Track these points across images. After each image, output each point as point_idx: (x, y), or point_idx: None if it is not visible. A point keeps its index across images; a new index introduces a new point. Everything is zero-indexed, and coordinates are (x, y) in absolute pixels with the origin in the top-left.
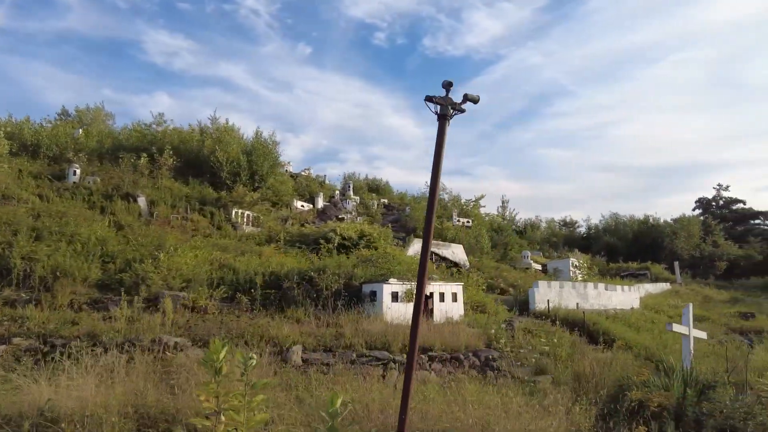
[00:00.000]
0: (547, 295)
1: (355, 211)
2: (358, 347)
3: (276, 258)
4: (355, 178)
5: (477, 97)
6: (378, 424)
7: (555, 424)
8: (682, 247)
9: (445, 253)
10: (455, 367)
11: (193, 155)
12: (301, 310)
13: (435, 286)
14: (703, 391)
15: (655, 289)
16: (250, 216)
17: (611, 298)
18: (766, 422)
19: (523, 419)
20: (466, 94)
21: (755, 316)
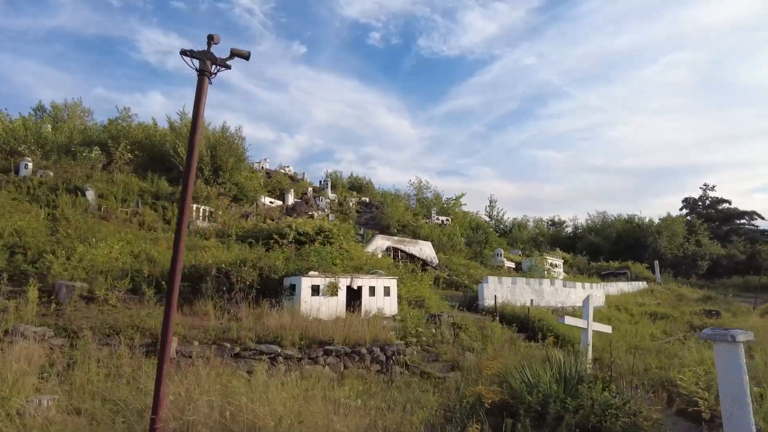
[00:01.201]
0: (497, 291)
1: (329, 208)
2: (247, 341)
3: (212, 252)
4: (338, 176)
5: (247, 53)
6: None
7: (367, 422)
8: (665, 247)
9: (412, 250)
10: (354, 362)
11: (156, 150)
12: (211, 304)
13: (365, 279)
14: (576, 386)
15: (630, 287)
16: (206, 211)
17: (569, 296)
18: (636, 422)
19: (331, 418)
20: (233, 49)
21: (720, 315)
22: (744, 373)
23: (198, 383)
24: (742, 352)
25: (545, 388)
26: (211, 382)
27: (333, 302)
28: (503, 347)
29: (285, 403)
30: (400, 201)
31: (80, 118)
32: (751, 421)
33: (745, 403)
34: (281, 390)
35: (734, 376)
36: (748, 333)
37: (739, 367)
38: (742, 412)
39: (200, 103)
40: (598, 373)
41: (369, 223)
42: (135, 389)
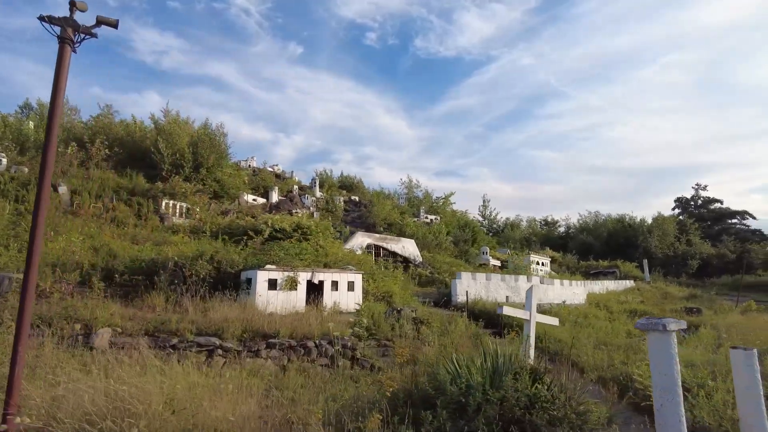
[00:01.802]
0: (471, 288)
1: (315, 206)
2: (186, 333)
3: (177, 246)
4: (328, 175)
5: (115, 21)
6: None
7: (255, 410)
8: (656, 246)
9: (394, 248)
10: (300, 356)
11: (136, 147)
12: (163, 297)
13: (327, 274)
14: (503, 378)
15: (617, 286)
16: (183, 207)
17: (547, 293)
18: (566, 415)
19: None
20: (100, 17)
21: (701, 312)
22: (675, 363)
23: (99, 373)
24: (673, 342)
25: (468, 379)
26: (121, 372)
27: (292, 296)
28: (464, 342)
29: (168, 390)
30: (389, 200)
31: (67, 116)
32: (681, 413)
33: (676, 394)
34: (181, 378)
35: (665, 367)
36: (680, 322)
37: (670, 357)
38: (671, 403)
39: (61, 76)
40: (537, 366)
41: (356, 221)
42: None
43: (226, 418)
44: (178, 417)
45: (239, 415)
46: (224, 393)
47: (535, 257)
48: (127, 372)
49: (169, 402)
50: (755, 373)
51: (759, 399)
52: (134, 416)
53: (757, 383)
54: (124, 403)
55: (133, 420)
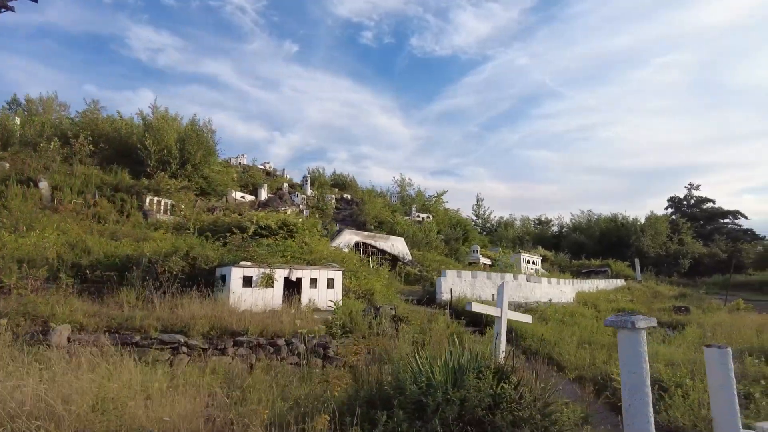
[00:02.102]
0: (456, 286)
1: (304, 204)
2: (150, 330)
3: (155, 243)
4: (320, 173)
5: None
6: None
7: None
8: (648, 245)
9: (383, 246)
10: (269, 354)
11: (123, 143)
12: (134, 293)
13: (305, 271)
14: (464, 376)
15: (607, 285)
16: (168, 204)
17: (534, 291)
18: (531, 415)
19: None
20: None
21: (690, 311)
22: (644, 361)
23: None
24: (642, 340)
25: (428, 378)
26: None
27: (268, 294)
28: (443, 339)
29: (99, 390)
30: (380, 198)
31: (57, 112)
32: (648, 413)
33: (644, 394)
34: (124, 376)
35: (634, 365)
36: (650, 319)
37: (639, 355)
38: (640, 403)
39: None
40: (505, 364)
41: (347, 219)
42: None
43: (159, 419)
44: (102, 418)
45: (178, 414)
46: (164, 392)
47: (525, 256)
48: (63, 369)
49: (100, 402)
50: (729, 371)
51: (732, 398)
52: (55, 418)
53: (731, 382)
54: (45, 403)
55: (42, 423)
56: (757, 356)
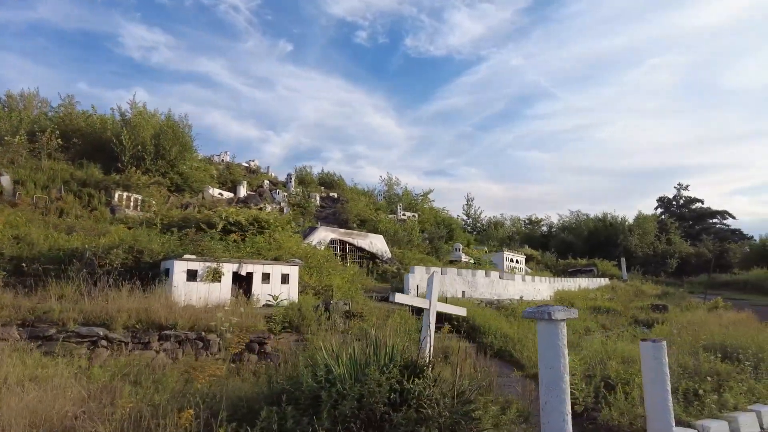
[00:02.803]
0: (423, 282)
1: (286, 201)
2: (69, 323)
3: (109, 236)
4: (307, 172)
5: None
6: None
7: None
8: (635, 245)
9: (361, 244)
10: (198, 349)
11: (96, 138)
12: (69, 287)
13: (257, 266)
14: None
15: (591, 284)
16: (138, 199)
17: (507, 288)
18: (439, 413)
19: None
20: None
21: (667, 309)
22: (562, 356)
23: None
24: (561, 332)
25: (326, 372)
26: None
27: (215, 288)
28: (394, 335)
29: None
30: (364, 196)
31: (38, 108)
32: (564, 412)
33: (561, 390)
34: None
35: (552, 360)
36: (570, 311)
37: (557, 348)
38: (556, 400)
39: None
40: (420, 358)
41: (330, 217)
42: None
43: None
44: None
45: (26, 408)
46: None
47: (509, 254)
48: None
49: None
50: (662, 366)
51: (665, 393)
52: None
53: (665, 377)
54: None
55: None
56: (715, 352)
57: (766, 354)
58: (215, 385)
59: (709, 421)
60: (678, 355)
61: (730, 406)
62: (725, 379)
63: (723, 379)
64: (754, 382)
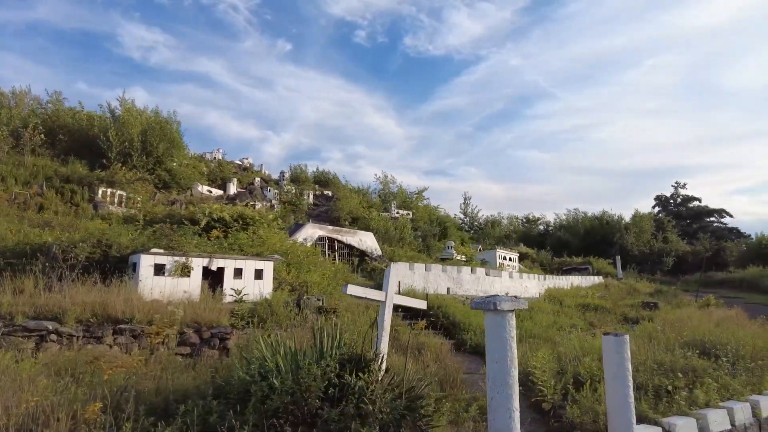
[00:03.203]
0: (407, 278)
1: (277, 199)
2: (18, 316)
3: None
4: (302, 170)
5: None
6: None
7: None
8: (632, 243)
9: (350, 241)
10: (157, 344)
11: (84, 135)
12: (32, 281)
13: (229, 261)
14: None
15: (585, 282)
16: (123, 196)
17: (493, 285)
18: (370, 409)
19: None
20: None
21: (658, 307)
22: (509, 349)
23: None
24: (508, 324)
25: (260, 365)
26: None
27: (183, 283)
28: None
29: None
30: (356, 195)
31: (30, 106)
32: (511, 408)
33: (507, 386)
34: None
35: (498, 353)
36: (518, 301)
37: (503, 341)
38: (502, 397)
39: None
40: (368, 352)
41: (322, 215)
42: None
43: None
44: None
45: None
46: None
47: (501, 252)
48: None
49: None
50: (624, 361)
51: (626, 390)
52: None
53: (626, 372)
54: None
55: None
56: (695, 349)
57: (746, 350)
58: (147, 379)
59: (677, 418)
60: (655, 352)
61: (701, 402)
62: (700, 376)
63: (698, 376)
64: (730, 379)
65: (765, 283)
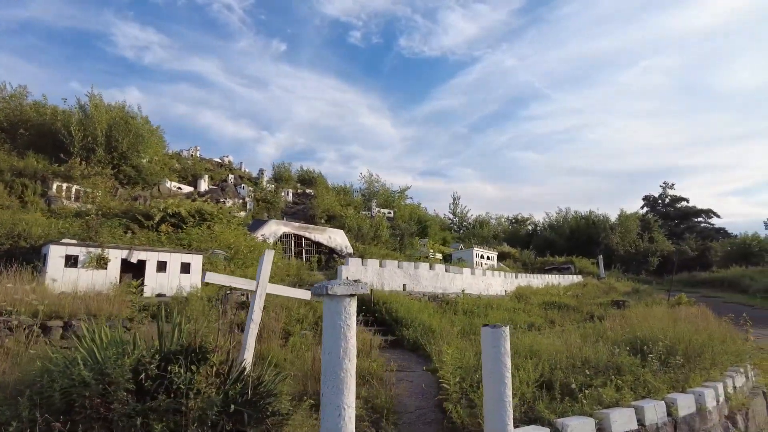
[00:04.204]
0: (360, 274)
1: (251, 196)
2: None
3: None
4: (286, 168)
5: None
6: None
7: None
8: (617, 243)
9: (318, 238)
10: (35, 336)
11: (47, 129)
12: None
13: (151, 253)
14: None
15: (562, 281)
16: (80, 190)
17: (454, 282)
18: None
19: None
20: None
21: (627, 305)
22: (341, 339)
23: None
24: (344, 311)
25: (64, 360)
26: None
27: (99, 276)
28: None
29: None
30: (337, 193)
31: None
32: (342, 405)
33: (338, 380)
34: None
35: (331, 343)
36: (354, 287)
37: (337, 329)
38: (332, 392)
39: None
40: (204, 345)
41: (298, 213)
42: None
43: None
44: None
45: None
46: None
47: (478, 250)
48: None
49: None
50: (501, 356)
51: (502, 387)
52: None
53: (503, 368)
54: None
55: None
56: (624, 345)
57: (681, 347)
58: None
59: (573, 418)
60: (584, 348)
61: (607, 401)
62: (622, 373)
63: (620, 373)
64: (651, 376)
65: (745, 283)
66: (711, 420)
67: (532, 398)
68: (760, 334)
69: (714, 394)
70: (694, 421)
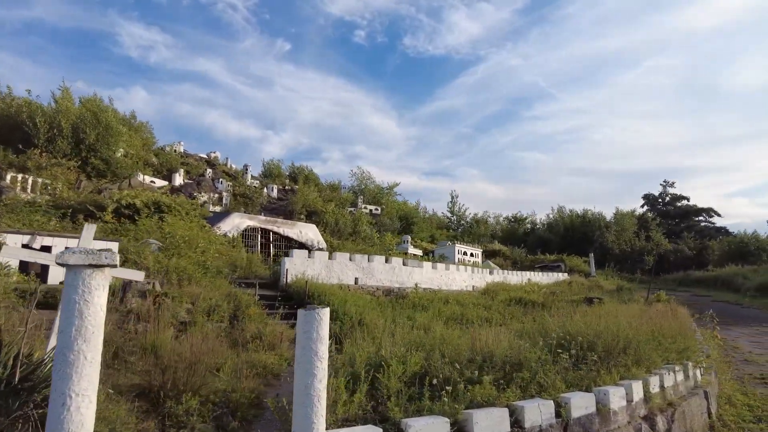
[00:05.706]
0: (305, 267)
1: (229, 191)
2: None
3: None
4: (276, 165)
5: None
6: None
7: None
8: (612, 241)
9: (288, 233)
10: None
11: (12, 121)
12: None
13: (59, 239)
14: None
15: (544, 278)
16: (37, 182)
17: (412, 276)
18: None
19: None
20: None
21: (602, 301)
22: (77, 316)
23: None
24: (81, 282)
25: None
26: None
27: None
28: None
29: None
30: (319, 189)
31: None
32: (66, 394)
33: (66, 364)
34: None
35: (66, 320)
36: (94, 255)
37: (71, 302)
38: (60, 381)
39: None
40: None
41: (278, 209)
42: None
43: None
44: None
45: None
46: None
47: (461, 247)
48: None
49: None
50: (312, 343)
51: (309, 380)
52: None
53: (312, 357)
54: None
55: None
56: (559, 341)
57: (600, 341)
58: None
59: (420, 419)
60: (490, 343)
61: (479, 399)
62: (517, 370)
63: (516, 370)
64: (553, 375)
65: (738, 282)
66: (616, 421)
67: (396, 394)
68: (741, 333)
69: (622, 393)
70: (592, 422)
